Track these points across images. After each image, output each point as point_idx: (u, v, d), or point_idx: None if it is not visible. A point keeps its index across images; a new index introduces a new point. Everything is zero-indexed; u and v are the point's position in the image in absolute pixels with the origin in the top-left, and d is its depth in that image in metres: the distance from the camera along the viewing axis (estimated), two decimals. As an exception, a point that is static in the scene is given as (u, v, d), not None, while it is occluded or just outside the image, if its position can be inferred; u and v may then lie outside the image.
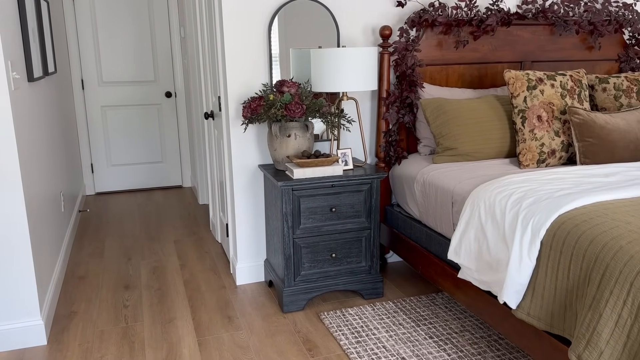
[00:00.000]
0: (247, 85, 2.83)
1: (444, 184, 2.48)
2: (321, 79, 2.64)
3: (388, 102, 2.93)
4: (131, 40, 4.95)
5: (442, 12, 2.89)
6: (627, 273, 1.49)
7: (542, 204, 1.87)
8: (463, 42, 2.99)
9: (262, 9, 2.76)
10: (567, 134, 2.54)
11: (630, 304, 1.47)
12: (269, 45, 2.80)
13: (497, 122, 2.70)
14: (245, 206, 2.97)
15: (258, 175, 2.96)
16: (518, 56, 3.13)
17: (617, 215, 1.70)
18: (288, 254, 2.63)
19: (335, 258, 2.71)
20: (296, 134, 2.64)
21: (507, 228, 1.95)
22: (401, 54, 2.89)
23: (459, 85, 3.08)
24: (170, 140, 5.25)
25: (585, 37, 3.24)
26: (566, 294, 1.71)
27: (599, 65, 3.32)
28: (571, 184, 2.05)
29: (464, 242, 2.17)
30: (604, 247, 1.59)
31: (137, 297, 2.93)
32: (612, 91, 2.75)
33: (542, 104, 2.55)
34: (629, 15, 3.24)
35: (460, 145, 2.68)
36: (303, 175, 2.56)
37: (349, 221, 2.69)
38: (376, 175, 2.67)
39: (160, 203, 4.81)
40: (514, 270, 1.85)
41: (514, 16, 3.00)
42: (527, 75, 2.59)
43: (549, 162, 2.54)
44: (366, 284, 2.78)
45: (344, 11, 2.90)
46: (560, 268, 1.73)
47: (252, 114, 2.62)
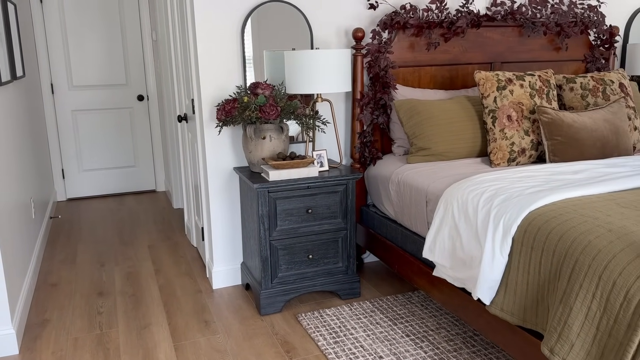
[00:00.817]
0: (221, 88, 2.82)
1: (418, 183, 2.51)
2: (295, 80, 2.65)
3: (362, 103, 2.96)
4: (102, 43, 4.88)
5: (414, 15, 2.93)
6: (596, 267, 1.54)
7: (513, 202, 1.92)
8: (434, 44, 3.04)
9: (235, 11, 2.76)
10: (536, 133, 2.60)
11: (599, 297, 1.51)
12: (242, 48, 2.80)
13: (469, 122, 2.75)
14: (220, 209, 2.96)
15: (233, 177, 2.94)
16: (488, 57, 3.19)
17: (585, 211, 1.75)
18: (265, 256, 2.62)
19: (312, 259, 2.72)
20: (271, 136, 2.64)
21: (479, 225, 1.98)
22: (374, 56, 2.91)
23: (431, 86, 3.13)
24: (143, 144, 5.18)
25: (552, 38, 3.32)
26: (538, 288, 1.75)
27: (567, 66, 3.41)
28: (541, 181, 2.10)
29: (438, 240, 2.20)
30: (573, 242, 1.63)
31: (111, 303, 2.88)
32: (579, 91, 2.82)
33: (511, 103, 2.60)
34: (594, 17, 3.34)
35: (434, 145, 2.72)
36: (279, 177, 2.56)
37: (325, 222, 2.70)
38: (351, 176, 2.69)
39: (133, 208, 4.75)
40: (487, 267, 1.88)
41: (484, 18, 3.06)
42: (496, 76, 2.65)
43: (519, 160, 2.60)
44: (343, 284, 2.80)
45: (317, 13, 2.91)
46: (531, 263, 1.77)
47: (226, 116, 2.61)
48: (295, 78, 2.64)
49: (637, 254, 1.48)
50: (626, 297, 1.44)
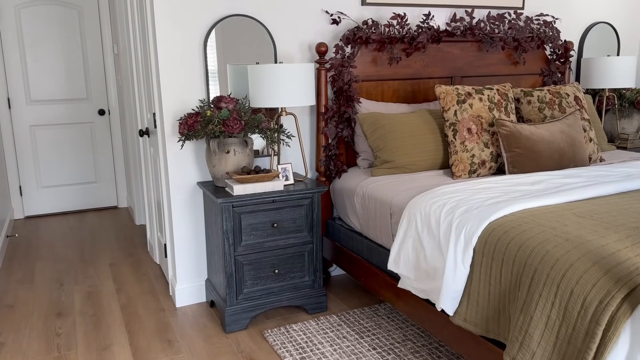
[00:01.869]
0: (183, 102, 2.79)
1: (382, 196, 2.53)
2: (259, 94, 2.64)
3: (326, 117, 2.97)
4: (61, 56, 4.77)
5: (375, 30, 2.97)
6: (554, 276, 1.57)
7: (474, 213, 1.95)
8: (396, 59, 3.08)
9: (197, 25, 2.74)
10: (495, 145, 2.66)
11: (558, 305, 1.55)
12: (205, 61, 2.78)
13: (431, 135, 2.79)
14: (184, 225, 2.91)
15: (197, 192, 2.90)
16: (448, 72, 3.26)
17: (543, 221, 1.80)
18: (229, 272, 2.58)
19: (278, 274, 2.69)
20: (235, 150, 2.61)
21: (442, 237, 2.01)
22: (337, 70, 2.94)
23: (394, 100, 3.17)
24: (104, 159, 5.06)
25: (510, 53, 3.42)
26: (499, 298, 1.77)
27: (524, 80, 3.51)
28: (500, 192, 2.15)
29: (403, 252, 2.21)
30: (532, 251, 1.67)
31: (71, 324, 2.79)
32: (536, 104, 2.91)
33: (471, 117, 2.66)
34: (550, 32, 3.46)
35: (397, 158, 2.75)
36: (243, 191, 2.54)
37: (291, 236, 2.69)
38: (317, 189, 2.69)
39: (94, 225, 4.62)
40: (450, 278, 1.90)
41: (444, 33, 3.13)
42: (456, 90, 2.70)
43: (479, 172, 2.65)
44: (310, 298, 2.78)
45: (281, 28, 2.92)
46: (492, 274, 1.79)
47: (188, 130, 2.58)
48: (259, 92, 2.64)
49: (593, 262, 1.52)
50: (583, 305, 1.47)
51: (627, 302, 1.40)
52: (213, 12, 2.76)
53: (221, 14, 2.78)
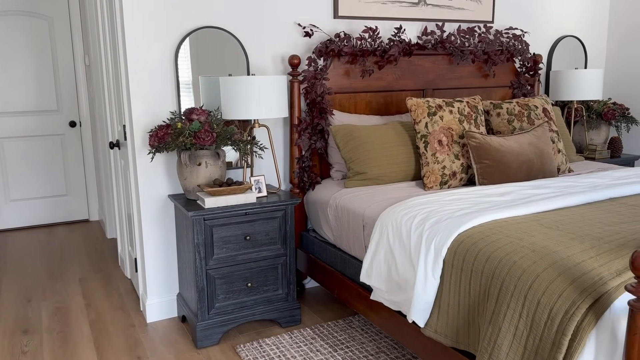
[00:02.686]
0: (154, 114, 2.75)
1: (355, 207, 2.53)
2: (231, 106, 2.63)
3: (300, 128, 2.97)
4: (31, 68, 4.68)
5: (348, 43, 2.99)
6: (521, 287, 1.59)
7: (444, 224, 1.96)
8: (369, 71, 3.11)
9: (168, 37, 2.72)
10: (466, 157, 2.69)
11: (525, 316, 1.56)
12: (176, 73, 2.76)
13: (403, 147, 2.81)
14: (154, 238, 2.86)
15: (168, 205, 2.86)
16: (420, 84, 3.29)
17: (511, 232, 1.82)
18: (201, 287, 2.55)
19: (251, 287, 2.67)
20: (207, 162, 2.59)
21: (412, 248, 2.01)
22: (310, 82, 2.94)
23: (367, 112, 3.19)
24: (75, 171, 4.97)
25: (481, 66, 3.48)
26: (468, 309, 1.78)
27: (495, 92, 3.57)
28: (470, 203, 2.17)
29: (375, 264, 2.21)
30: (500, 262, 1.68)
31: (37, 341, 2.71)
32: (505, 116, 2.96)
33: (442, 129, 2.69)
34: (519, 46, 3.53)
35: (370, 170, 2.76)
36: (215, 204, 2.51)
37: (264, 249, 2.67)
38: (290, 201, 2.67)
39: (64, 239, 4.52)
40: (420, 289, 1.90)
41: (415, 47, 3.17)
42: (427, 103, 2.73)
43: (451, 183, 2.67)
44: (283, 312, 2.76)
45: (253, 40, 2.92)
46: (461, 285, 1.80)
47: (159, 142, 2.55)
48: (231, 104, 2.63)
49: (559, 273, 1.54)
50: (550, 316, 1.49)
51: (591, 312, 1.42)
52: (184, 23, 2.74)
53: (192, 26, 2.77)
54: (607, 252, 1.59)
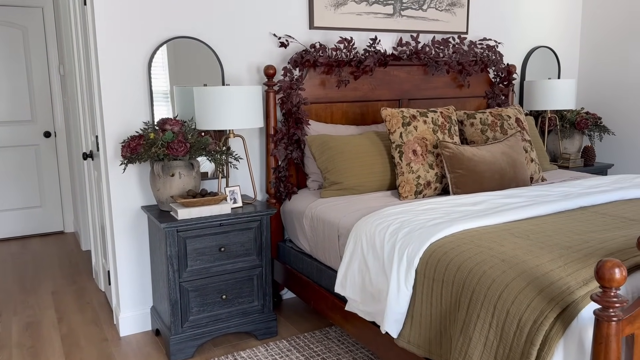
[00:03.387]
0: (127, 124, 2.72)
1: (330, 217, 2.52)
2: (206, 117, 2.61)
3: (276, 139, 2.96)
4: (5, 78, 4.60)
5: (323, 53, 3.00)
6: (491, 296, 1.59)
7: (416, 234, 1.96)
8: (344, 82, 3.12)
9: (141, 46, 2.70)
10: (440, 167, 2.71)
11: (495, 326, 1.56)
12: (149, 83, 2.73)
13: (378, 157, 2.82)
14: (127, 250, 2.82)
15: (141, 217, 2.82)
16: (396, 94, 3.31)
17: (482, 241, 1.82)
18: (174, 300, 2.51)
19: (226, 299, 2.63)
20: (181, 173, 2.56)
21: (386, 259, 2.01)
22: (286, 93, 2.94)
23: (343, 122, 3.19)
24: (49, 182, 4.88)
25: (455, 76, 3.52)
26: (440, 319, 1.78)
27: (469, 102, 3.61)
28: (442, 213, 2.17)
29: (349, 275, 2.20)
30: (470, 272, 1.69)
31: (6, 357, 2.63)
32: (479, 125, 2.99)
33: (416, 139, 2.70)
34: (493, 56, 3.58)
35: (345, 180, 2.76)
36: (188, 215, 2.48)
37: (239, 260, 2.64)
38: (265, 211, 2.66)
39: (37, 251, 4.43)
40: (393, 300, 1.90)
41: (390, 57, 3.19)
42: (402, 113, 2.75)
43: (425, 193, 2.69)
44: (259, 324, 2.73)
45: (228, 50, 2.91)
46: (433, 295, 1.80)
47: (131, 153, 2.52)
48: (205, 114, 2.61)
49: (527, 282, 1.54)
50: (519, 326, 1.49)
51: (559, 322, 1.43)
52: (157, 33, 2.73)
53: (166, 36, 2.75)
54: (574, 261, 1.61)
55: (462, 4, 3.57)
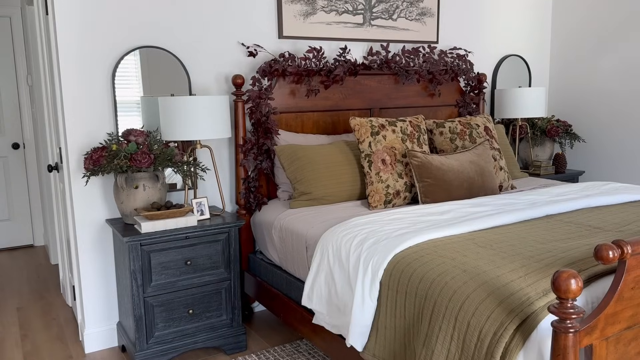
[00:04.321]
0: (90, 135, 2.66)
1: (298, 228, 2.49)
2: (171, 127, 2.56)
3: (245, 149, 2.92)
4: (-30, 87, 4.49)
5: (292, 63, 2.97)
6: (452, 308, 1.57)
7: (381, 245, 1.94)
8: (314, 91, 3.10)
9: (105, 56, 2.65)
10: (409, 176, 2.70)
11: (457, 338, 1.54)
12: (114, 94, 2.68)
13: (348, 166, 2.80)
14: (92, 265, 2.74)
15: (106, 230, 2.76)
16: (367, 104, 3.30)
17: (445, 252, 1.81)
18: (139, 315, 2.44)
19: (193, 314, 2.58)
20: (145, 185, 2.51)
21: (351, 270, 1.98)
22: (255, 102, 2.91)
23: (314, 131, 3.17)
24: (18, 195, 4.76)
25: (426, 85, 3.52)
26: (404, 332, 1.75)
27: (441, 111, 3.62)
28: (409, 223, 2.16)
29: (316, 287, 2.16)
30: (432, 283, 1.66)
31: (-37, 379, 2.54)
32: (448, 134, 2.99)
33: (385, 148, 2.69)
34: (463, 65, 3.59)
35: (315, 190, 2.73)
36: (152, 228, 2.43)
37: (206, 273, 2.59)
38: (233, 223, 2.61)
39: (5, 265, 4.31)
40: (358, 312, 1.87)
41: (361, 67, 3.18)
42: (370, 122, 2.73)
43: (395, 202, 2.67)
44: (228, 338, 2.67)
45: (196, 60, 2.87)
46: (397, 307, 1.78)
47: (94, 165, 2.46)
48: (171, 125, 2.56)
49: (488, 293, 1.53)
50: (479, 338, 1.47)
51: (519, 333, 1.41)
52: (123, 43, 2.68)
53: (130, 46, 2.70)
54: (535, 271, 1.59)
55: (432, 13, 3.59)
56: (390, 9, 3.42)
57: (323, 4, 3.18)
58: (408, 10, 3.49)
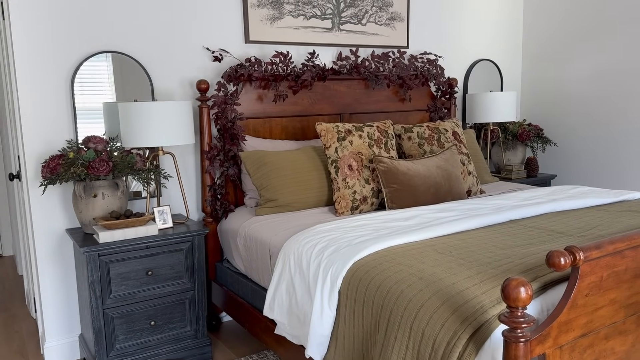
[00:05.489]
0: (50, 143, 2.59)
1: (262, 236, 2.44)
2: (132, 134, 2.50)
3: (210, 155, 2.87)
4: None
5: (258, 68, 2.93)
6: (407, 317, 1.53)
7: (341, 252, 1.90)
8: (282, 96, 3.06)
9: (63, 62, 2.58)
10: (376, 181, 2.67)
11: (412, 347, 1.50)
12: (72, 100, 2.61)
13: (315, 172, 2.76)
14: (53, 275, 2.66)
15: (67, 240, 2.68)
16: (337, 109, 3.27)
17: (404, 259, 1.77)
18: (98, 327, 2.37)
19: (156, 326, 2.51)
20: (104, 194, 2.44)
21: (311, 279, 1.93)
22: (221, 108, 2.86)
23: (283, 137, 3.13)
24: (-15, 204, 4.64)
25: (397, 90, 3.50)
26: (362, 342, 1.71)
27: (412, 115, 3.60)
28: (372, 229, 2.12)
29: (277, 297, 2.12)
30: (388, 292, 1.62)
31: None
32: (416, 139, 2.96)
33: (351, 153, 2.66)
34: (433, 70, 3.58)
35: (281, 196, 2.68)
36: (111, 238, 2.36)
37: (169, 284, 2.52)
38: (197, 231, 2.55)
39: (-30, 278, 4.18)
40: (316, 322, 1.82)
41: (330, 71, 3.15)
42: (337, 127, 2.70)
43: (362, 208, 2.63)
44: (192, 350, 2.60)
45: (159, 65, 2.82)
46: (355, 316, 1.73)
47: (51, 173, 2.39)
48: (131, 131, 2.50)
49: (443, 301, 1.49)
50: (433, 347, 1.44)
51: (472, 343, 1.37)
52: (82, 48, 2.61)
53: (91, 51, 2.64)
54: (491, 278, 1.56)
55: (402, 18, 3.58)
56: (359, 14, 3.40)
57: (290, 8, 3.15)
58: (377, 15, 3.47)
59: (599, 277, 1.40)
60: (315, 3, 3.22)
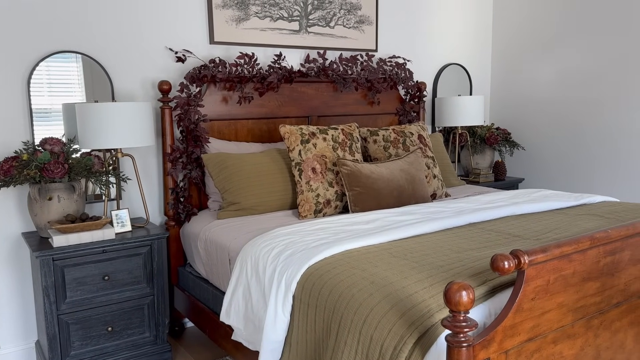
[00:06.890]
0: (5, 145, 2.52)
1: (222, 240, 2.40)
2: (88, 135, 2.44)
3: (172, 157, 2.82)
4: None
5: (222, 69, 2.90)
6: (357, 322, 1.51)
7: (297, 256, 1.87)
8: (248, 98, 3.03)
9: (19, 61, 2.51)
10: (340, 184, 2.65)
11: (361, 352, 1.48)
12: (29, 101, 2.55)
13: (279, 175, 2.73)
14: (8, 280, 2.59)
15: (23, 244, 2.61)
16: (304, 111, 3.25)
17: (358, 263, 1.75)
18: (52, 334, 2.31)
19: (113, 332, 2.45)
20: (60, 196, 2.38)
21: (266, 284, 1.91)
22: (184, 109, 2.81)
23: (249, 139, 3.10)
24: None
25: (365, 93, 3.50)
26: (315, 347, 1.69)
27: (381, 119, 3.59)
28: (331, 233, 2.10)
29: (234, 302, 2.08)
30: (340, 296, 1.60)
31: None
32: (381, 142, 2.95)
33: (315, 156, 2.64)
34: (402, 74, 3.59)
35: (243, 199, 2.65)
36: (66, 242, 2.30)
37: (127, 289, 2.47)
38: (156, 235, 2.51)
39: None
40: (270, 328, 1.79)
41: (297, 74, 3.13)
42: (300, 130, 2.68)
43: (325, 211, 2.61)
44: (152, 356, 2.55)
45: (119, 65, 2.77)
46: (308, 321, 1.71)
47: (4, 175, 2.32)
48: (88, 132, 2.44)
49: (392, 305, 1.48)
50: (381, 352, 1.42)
51: (418, 347, 1.36)
52: (38, 47, 2.55)
53: (48, 50, 2.58)
54: (441, 281, 1.55)
55: (371, 21, 3.58)
56: (327, 17, 3.38)
57: (256, 9, 3.12)
58: (346, 17, 3.46)
59: (545, 281, 1.40)
60: (282, 5, 3.20)
